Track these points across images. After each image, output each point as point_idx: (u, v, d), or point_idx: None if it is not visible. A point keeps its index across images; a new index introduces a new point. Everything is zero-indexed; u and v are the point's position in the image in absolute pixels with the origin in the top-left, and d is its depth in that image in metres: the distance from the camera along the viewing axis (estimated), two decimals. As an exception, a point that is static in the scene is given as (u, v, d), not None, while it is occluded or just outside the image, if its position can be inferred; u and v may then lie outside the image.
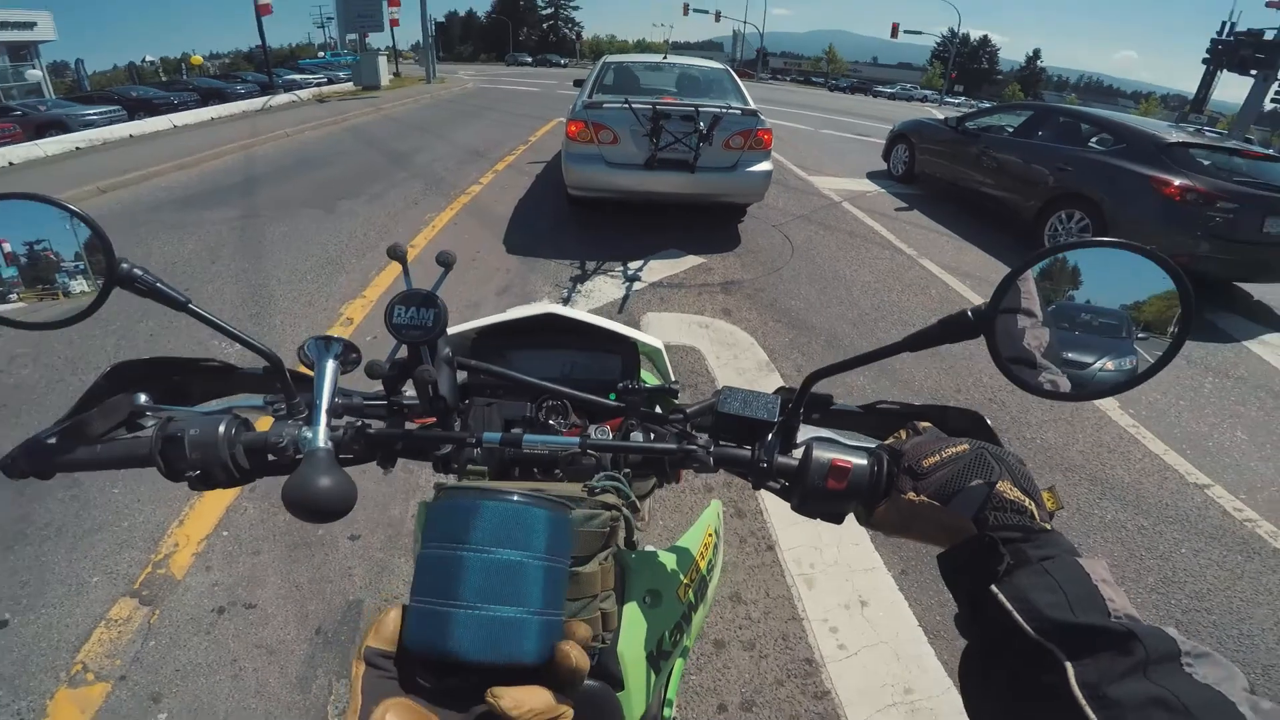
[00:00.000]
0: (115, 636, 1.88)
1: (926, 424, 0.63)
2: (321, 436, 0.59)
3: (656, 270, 4.97)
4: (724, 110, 5.37)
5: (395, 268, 0.72)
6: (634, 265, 5.04)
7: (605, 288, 4.59)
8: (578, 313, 0.87)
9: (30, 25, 28.43)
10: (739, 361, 3.63)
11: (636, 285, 4.66)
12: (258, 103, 15.51)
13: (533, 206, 6.66)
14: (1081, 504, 2.73)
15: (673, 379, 0.86)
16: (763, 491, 0.65)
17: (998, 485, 0.51)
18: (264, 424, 0.66)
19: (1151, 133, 5.81)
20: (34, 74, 28.54)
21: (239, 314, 3.91)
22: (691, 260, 5.24)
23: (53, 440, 0.61)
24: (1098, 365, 0.60)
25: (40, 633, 1.88)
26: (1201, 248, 4.97)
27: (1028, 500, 0.50)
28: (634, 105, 5.23)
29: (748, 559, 2.31)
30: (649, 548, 0.82)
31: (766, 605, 2.13)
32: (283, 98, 16.88)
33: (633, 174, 5.47)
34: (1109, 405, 3.45)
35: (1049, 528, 0.49)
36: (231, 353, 2.72)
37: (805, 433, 0.65)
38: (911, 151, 8.84)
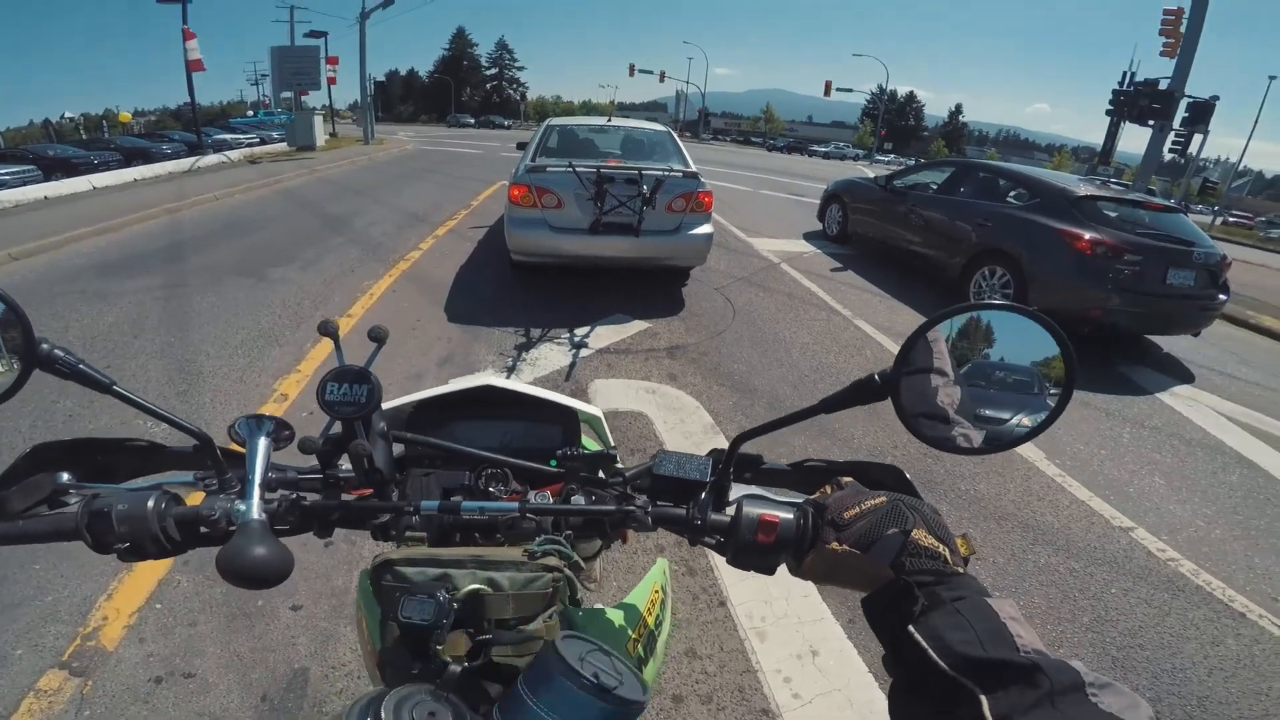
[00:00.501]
0: (46, 706, 1.78)
1: (849, 479, 0.66)
2: (255, 509, 0.59)
3: (603, 336, 4.98)
4: (666, 173, 5.44)
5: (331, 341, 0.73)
6: (580, 331, 5.04)
7: (552, 355, 4.57)
8: (516, 384, 0.89)
9: (-56, 79, 26.56)
10: (685, 425, 3.65)
11: (583, 352, 4.65)
12: (185, 163, 14.92)
13: (475, 272, 6.64)
14: (1015, 550, 2.82)
15: (612, 445, 0.87)
16: (712, 551, 0.67)
17: (913, 533, 0.54)
18: (195, 499, 0.64)
19: (1062, 186, 5.99)
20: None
21: (165, 391, 3.71)
22: (638, 325, 5.27)
23: None
24: (1014, 421, 0.64)
25: (-38, 707, 1.75)
26: (1113, 300, 5.12)
27: (941, 546, 0.53)
28: (578, 169, 5.23)
29: (700, 615, 2.31)
30: (597, 605, 0.83)
31: (721, 659, 2.13)
32: (212, 158, 16.30)
33: (577, 238, 5.45)
34: (1036, 456, 3.61)
35: (961, 571, 0.53)
36: (159, 432, 2.60)
37: (737, 491, 0.68)
38: (845, 211, 9.07)
